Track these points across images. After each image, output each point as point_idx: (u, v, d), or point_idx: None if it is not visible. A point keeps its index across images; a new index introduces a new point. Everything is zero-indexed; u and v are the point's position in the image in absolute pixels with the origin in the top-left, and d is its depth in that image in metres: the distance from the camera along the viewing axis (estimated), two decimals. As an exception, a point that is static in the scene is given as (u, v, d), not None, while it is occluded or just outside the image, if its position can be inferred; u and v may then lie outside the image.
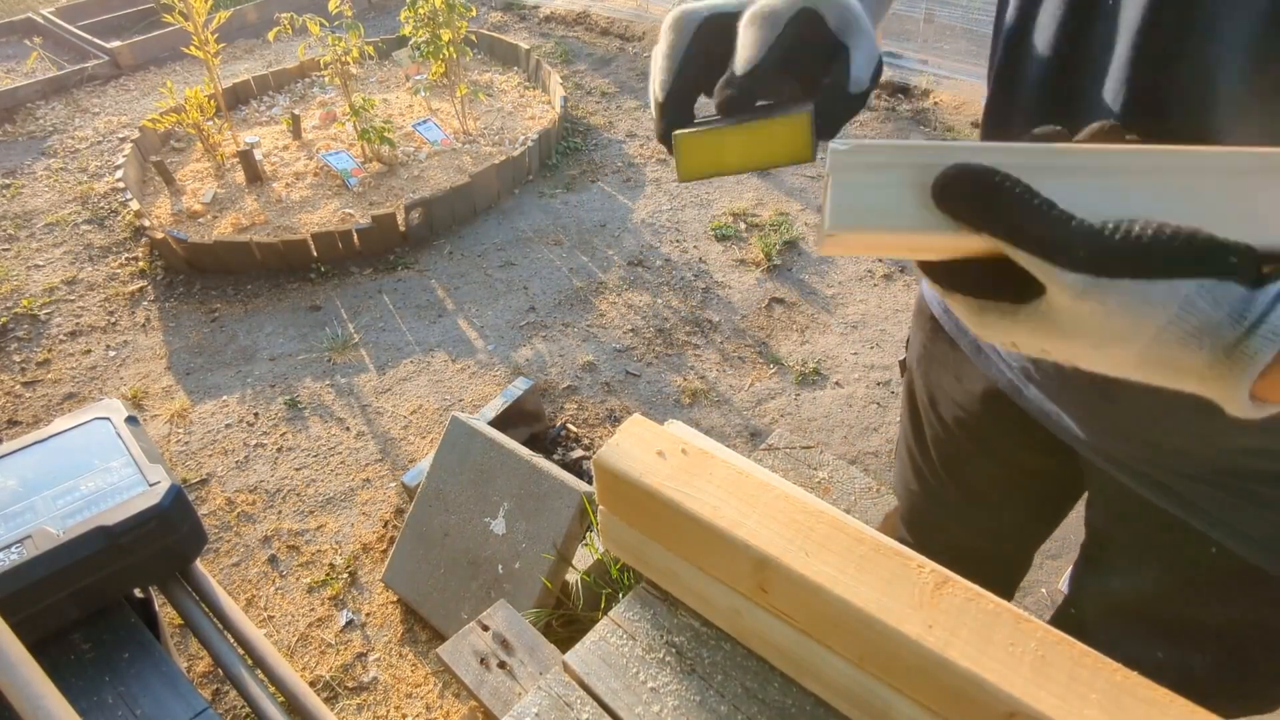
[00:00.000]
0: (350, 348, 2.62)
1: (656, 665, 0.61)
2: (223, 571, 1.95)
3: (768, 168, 0.44)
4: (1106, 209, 0.33)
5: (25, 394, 2.50)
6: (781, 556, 0.52)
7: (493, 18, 5.28)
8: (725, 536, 0.54)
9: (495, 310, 2.75)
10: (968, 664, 0.45)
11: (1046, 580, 1.82)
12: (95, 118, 4.16)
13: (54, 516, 1.15)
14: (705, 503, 0.56)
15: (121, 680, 1.13)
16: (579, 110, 4.02)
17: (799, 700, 0.58)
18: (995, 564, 0.95)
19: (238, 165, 3.36)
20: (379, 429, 2.31)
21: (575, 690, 0.62)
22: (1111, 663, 0.46)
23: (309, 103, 4.10)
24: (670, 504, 0.57)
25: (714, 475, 0.58)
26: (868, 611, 0.48)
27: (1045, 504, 0.87)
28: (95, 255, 3.11)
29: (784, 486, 0.62)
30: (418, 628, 1.80)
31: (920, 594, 0.49)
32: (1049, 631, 0.47)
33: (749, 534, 0.54)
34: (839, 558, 0.52)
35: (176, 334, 2.72)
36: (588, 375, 2.45)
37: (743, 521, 0.55)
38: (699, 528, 0.56)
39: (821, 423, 2.27)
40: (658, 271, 2.89)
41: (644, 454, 0.60)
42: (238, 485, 2.16)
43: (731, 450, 0.71)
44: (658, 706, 0.59)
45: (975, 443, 0.82)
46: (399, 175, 3.35)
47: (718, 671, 0.61)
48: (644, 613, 0.65)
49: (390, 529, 2.02)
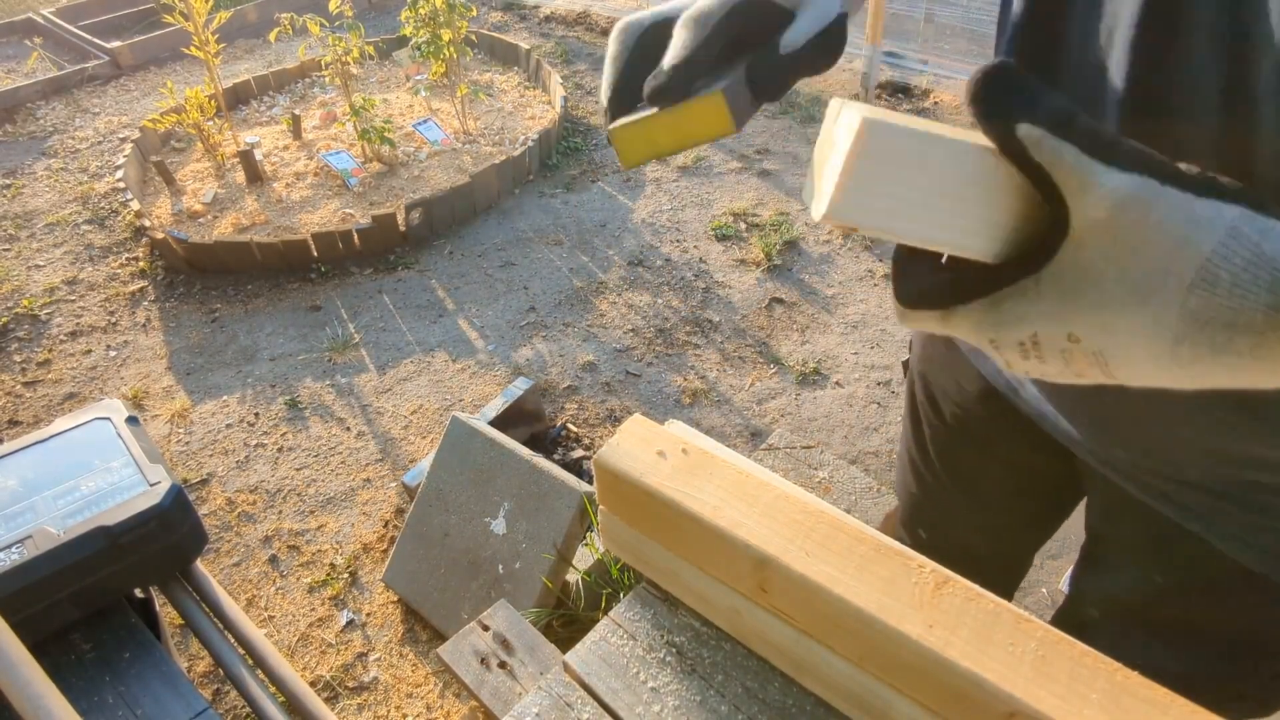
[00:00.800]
0: (350, 348, 2.62)
1: (657, 665, 0.61)
2: (223, 571, 1.95)
3: (701, 143, 0.47)
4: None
5: (26, 394, 2.50)
6: (781, 556, 0.52)
7: (493, 18, 5.28)
8: (725, 536, 0.54)
9: (495, 310, 2.75)
10: (968, 664, 0.45)
11: (1047, 580, 1.82)
12: (96, 118, 4.16)
13: (54, 516, 1.15)
14: (705, 503, 0.56)
15: (122, 680, 1.13)
16: (579, 110, 4.02)
17: (799, 700, 0.58)
18: (995, 564, 0.95)
19: (238, 165, 3.36)
20: (379, 429, 2.31)
21: (576, 690, 0.62)
22: (1112, 663, 0.45)
23: (309, 103, 4.10)
24: (670, 504, 0.57)
25: (714, 475, 0.58)
26: (868, 611, 0.48)
27: (1045, 505, 0.87)
28: (96, 255, 3.11)
29: (785, 486, 0.62)
30: (418, 628, 1.80)
31: (920, 594, 0.49)
32: (1049, 631, 0.47)
33: (749, 534, 0.54)
34: (839, 558, 0.52)
35: (177, 334, 2.72)
36: (588, 375, 2.45)
37: (743, 521, 0.55)
38: (699, 527, 0.56)
39: (822, 423, 2.27)
40: (658, 271, 2.89)
41: (644, 454, 0.60)
42: (238, 485, 2.16)
43: (732, 450, 0.71)
44: (658, 706, 0.59)
45: (975, 443, 0.82)
46: (399, 175, 3.35)
47: (718, 671, 0.61)
48: (644, 613, 0.65)
49: (391, 529, 2.02)
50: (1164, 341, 0.30)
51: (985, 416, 0.78)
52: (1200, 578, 0.62)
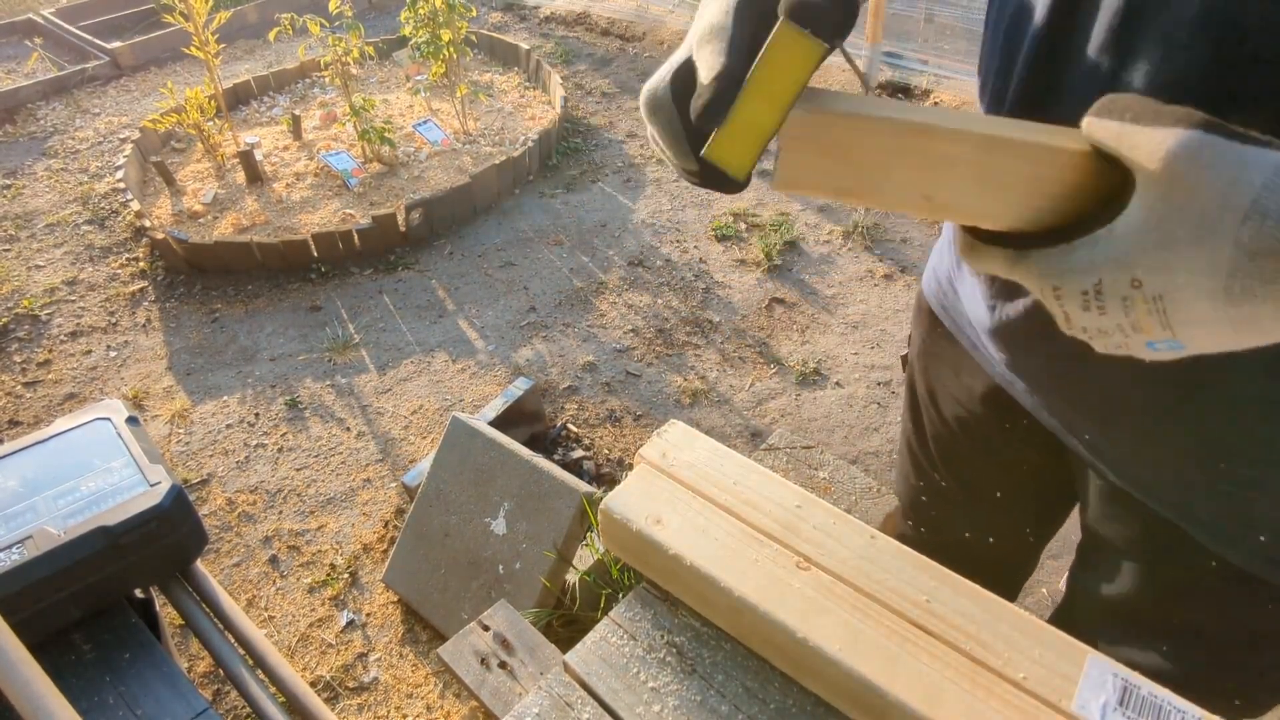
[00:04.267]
0: (351, 348, 2.62)
1: (657, 665, 0.61)
2: (223, 572, 1.95)
3: (800, 94, 0.40)
4: None
5: (26, 394, 2.50)
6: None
7: (493, 18, 5.28)
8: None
9: (495, 310, 2.75)
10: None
11: (1047, 580, 1.82)
12: (96, 118, 4.16)
13: (55, 517, 1.15)
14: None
15: (122, 680, 1.13)
16: (579, 110, 4.02)
17: (799, 700, 0.58)
18: (998, 562, 0.95)
19: (238, 166, 3.36)
20: (379, 429, 2.31)
21: (576, 690, 0.62)
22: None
23: (309, 103, 4.10)
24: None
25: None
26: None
27: (1046, 502, 0.87)
28: (96, 255, 3.11)
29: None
30: (418, 628, 1.80)
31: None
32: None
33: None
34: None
35: (177, 334, 2.72)
36: (588, 375, 2.45)
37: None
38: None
39: (822, 423, 2.27)
40: (658, 272, 2.89)
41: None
42: (238, 485, 2.16)
43: (732, 450, 0.71)
44: (658, 706, 0.59)
45: (975, 439, 0.82)
46: (399, 175, 3.35)
47: (718, 671, 0.61)
48: (644, 613, 0.65)
49: (391, 529, 2.02)
50: (1218, 276, 0.32)
51: (986, 413, 0.78)
52: (1192, 577, 0.62)
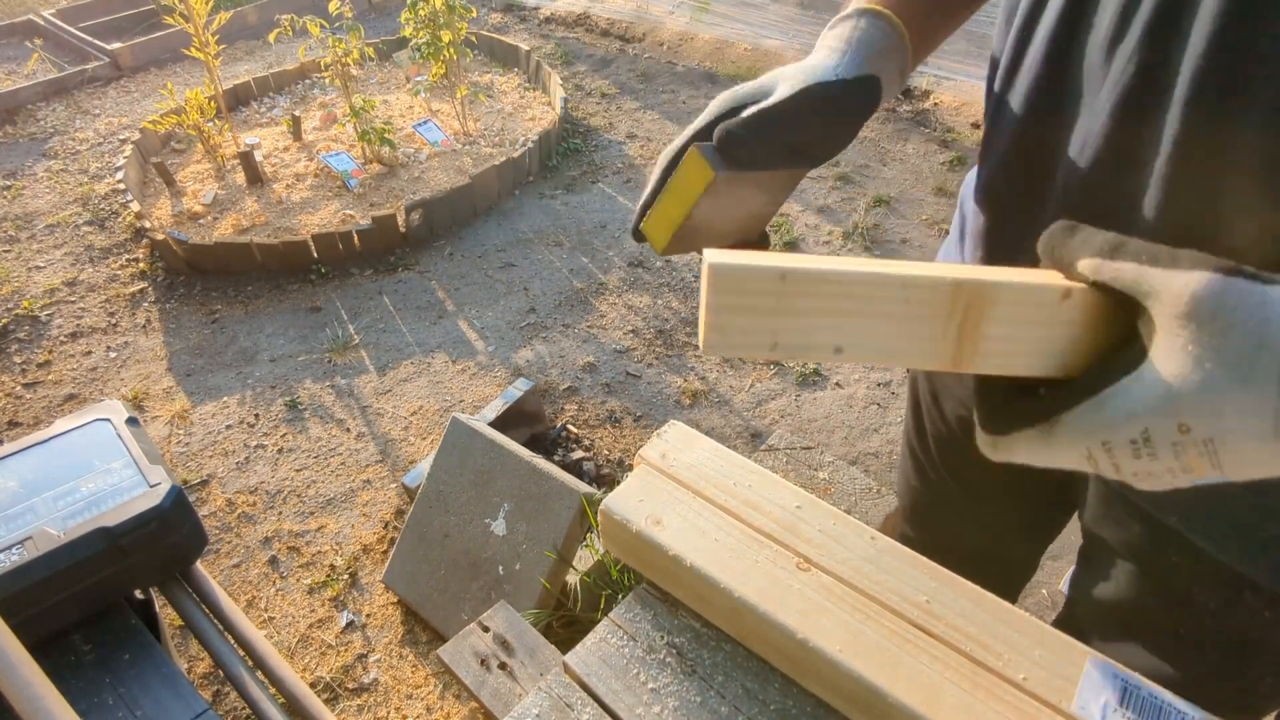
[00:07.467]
0: (350, 349, 2.62)
1: (657, 666, 0.61)
2: (223, 572, 1.95)
3: (695, 199, 0.52)
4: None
5: (26, 395, 2.50)
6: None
7: (493, 19, 5.29)
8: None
9: (495, 311, 2.75)
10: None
11: (1047, 581, 1.82)
12: (96, 119, 4.16)
13: (55, 518, 1.15)
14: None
15: (122, 681, 1.13)
16: (579, 111, 4.02)
17: (799, 701, 0.58)
18: (998, 564, 0.95)
19: (238, 166, 3.36)
20: (379, 430, 2.31)
21: (576, 691, 0.62)
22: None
23: (309, 104, 4.10)
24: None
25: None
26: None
27: (1046, 505, 0.87)
28: (96, 256, 3.11)
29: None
30: (418, 629, 1.80)
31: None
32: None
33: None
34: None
35: (177, 335, 2.72)
36: (588, 376, 2.45)
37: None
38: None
39: (822, 423, 2.27)
40: (658, 273, 2.89)
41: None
42: (238, 486, 2.16)
43: (732, 451, 0.71)
44: (658, 707, 0.59)
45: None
46: (399, 176, 3.35)
47: (718, 672, 0.61)
48: (644, 613, 0.65)
49: (391, 530, 2.02)
50: (1267, 418, 0.31)
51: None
52: (1190, 581, 0.62)
